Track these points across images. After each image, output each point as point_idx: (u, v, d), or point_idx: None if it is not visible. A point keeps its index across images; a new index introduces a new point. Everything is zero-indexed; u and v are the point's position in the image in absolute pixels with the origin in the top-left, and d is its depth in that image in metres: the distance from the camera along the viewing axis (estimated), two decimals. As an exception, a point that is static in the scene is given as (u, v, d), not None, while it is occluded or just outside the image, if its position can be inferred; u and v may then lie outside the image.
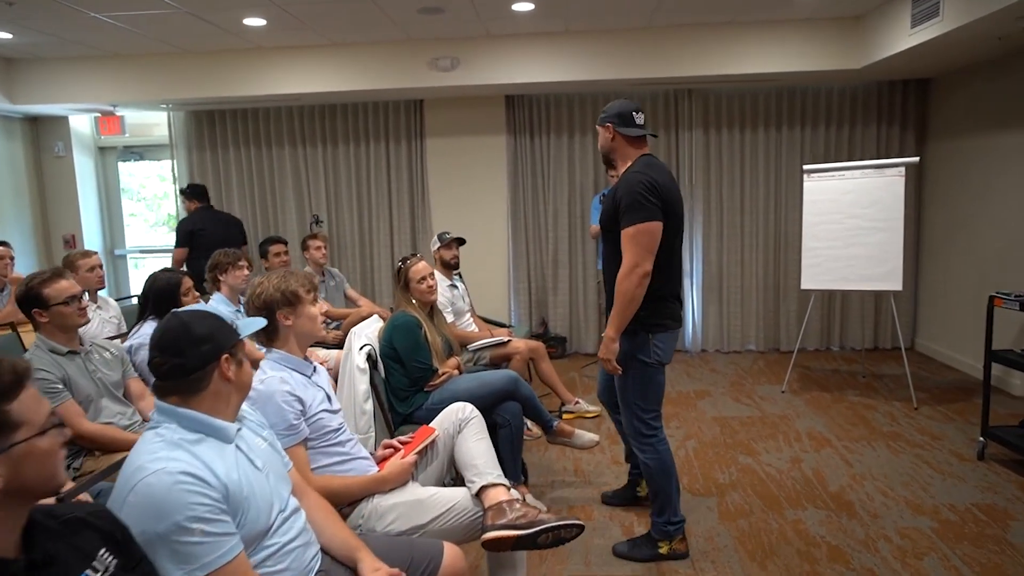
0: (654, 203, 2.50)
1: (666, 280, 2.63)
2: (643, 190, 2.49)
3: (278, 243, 4.46)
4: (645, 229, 2.49)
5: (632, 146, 2.67)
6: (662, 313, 2.63)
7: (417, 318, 3.23)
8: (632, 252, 2.50)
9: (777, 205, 6.10)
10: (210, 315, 1.51)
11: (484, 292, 6.27)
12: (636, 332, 2.60)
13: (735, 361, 5.98)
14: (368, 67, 5.50)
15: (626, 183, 2.55)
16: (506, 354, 4.22)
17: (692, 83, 5.73)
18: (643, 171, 2.55)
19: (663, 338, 2.65)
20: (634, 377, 2.67)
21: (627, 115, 2.65)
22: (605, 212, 2.69)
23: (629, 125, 2.65)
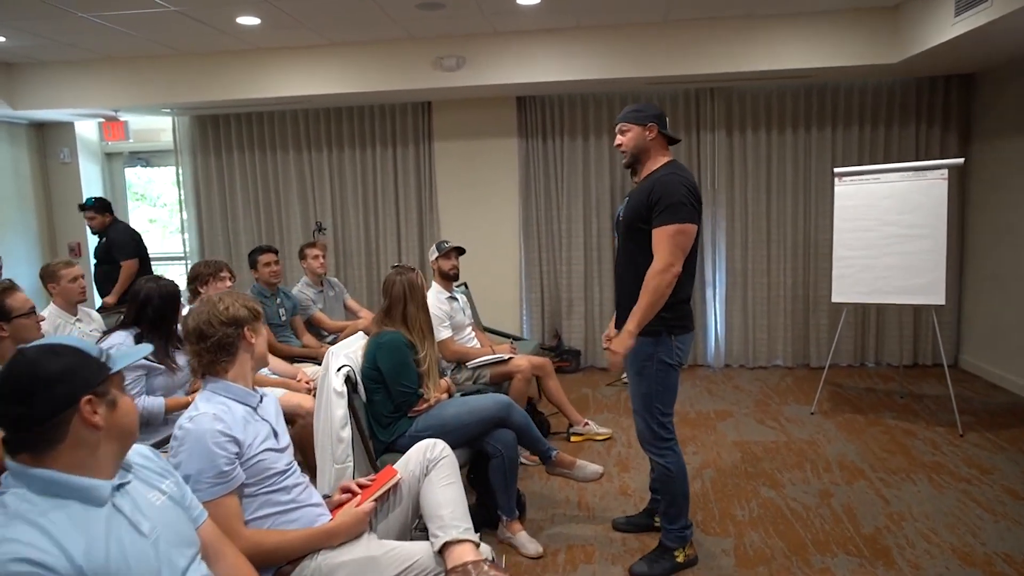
0: (694, 206, 2.53)
1: (687, 283, 2.66)
2: (687, 192, 2.51)
3: (268, 252, 4.23)
4: (684, 230, 2.50)
5: (665, 149, 2.69)
6: (683, 315, 2.67)
7: (406, 336, 2.95)
8: (668, 251, 2.50)
9: (806, 211, 5.70)
10: (68, 349, 1.23)
11: (495, 302, 5.98)
12: (660, 333, 2.61)
13: (761, 378, 5.58)
14: (370, 68, 5.26)
15: (665, 183, 2.54)
16: (507, 372, 3.93)
17: (714, 81, 5.38)
18: (680, 173, 2.57)
19: (683, 339, 2.68)
20: (658, 379, 2.66)
21: (664, 118, 2.69)
22: (632, 209, 2.63)
23: (665, 127, 2.68)
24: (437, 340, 3.91)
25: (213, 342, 1.80)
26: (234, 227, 6.30)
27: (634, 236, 2.64)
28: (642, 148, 2.66)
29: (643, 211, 2.57)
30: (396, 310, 2.98)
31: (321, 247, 4.81)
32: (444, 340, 3.94)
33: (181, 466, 1.64)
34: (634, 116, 2.67)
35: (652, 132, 2.63)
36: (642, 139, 2.64)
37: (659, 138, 2.64)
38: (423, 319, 2.99)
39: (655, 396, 2.67)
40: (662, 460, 2.72)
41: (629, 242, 2.69)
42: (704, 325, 5.93)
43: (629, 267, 2.68)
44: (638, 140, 2.65)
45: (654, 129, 2.63)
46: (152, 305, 2.87)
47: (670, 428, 2.73)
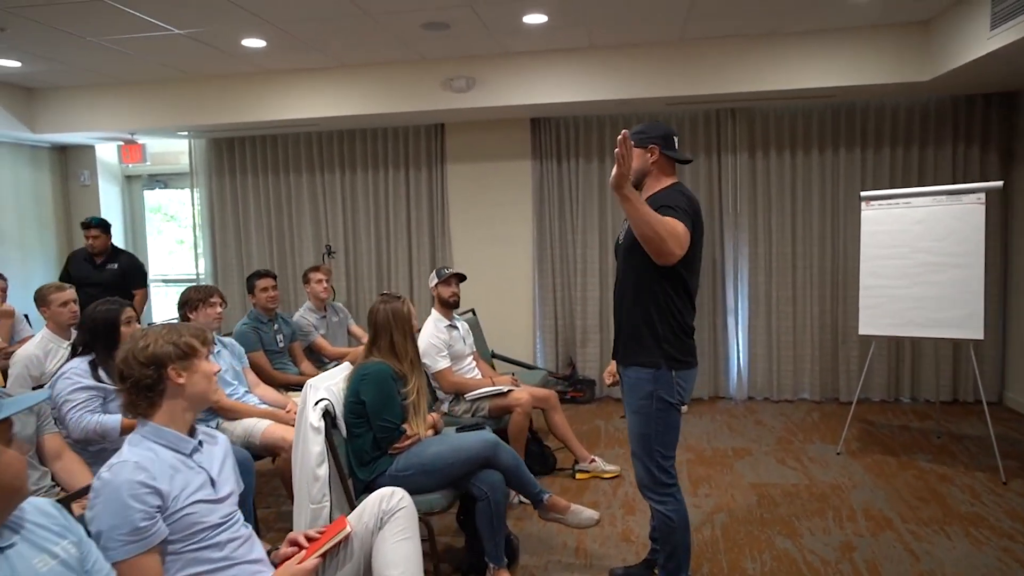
0: (692, 218, 2.39)
1: (689, 313, 2.49)
2: (685, 203, 2.38)
3: (265, 277, 4.13)
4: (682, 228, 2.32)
5: (669, 171, 2.54)
6: (686, 349, 2.48)
7: (392, 367, 2.79)
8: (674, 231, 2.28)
9: (834, 236, 5.40)
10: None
11: (508, 329, 5.81)
12: (659, 367, 2.43)
13: (785, 412, 5.27)
14: (380, 89, 5.18)
15: (663, 196, 2.42)
16: (507, 405, 3.73)
17: (736, 101, 5.16)
18: (682, 191, 2.47)
19: (686, 376, 2.49)
20: (658, 420, 2.46)
21: (670, 138, 2.53)
22: (631, 236, 2.44)
23: (671, 148, 2.52)
24: (434, 370, 3.76)
25: (132, 383, 1.66)
26: (247, 249, 6.26)
27: (634, 259, 2.45)
28: (644, 171, 2.51)
29: None
30: (382, 340, 2.83)
31: (325, 271, 4.71)
32: (442, 370, 3.78)
33: (93, 521, 1.49)
34: (636, 137, 2.51)
35: (654, 154, 2.48)
36: (644, 162, 2.50)
37: (662, 160, 2.49)
38: (411, 348, 2.83)
39: (654, 438, 2.47)
40: (663, 508, 2.52)
41: (629, 266, 2.51)
42: (726, 355, 5.65)
43: (627, 292, 2.51)
44: (639, 163, 2.49)
45: (655, 151, 2.48)
46: (98, 330, 2.81)
47: (672, 473, 2.52)
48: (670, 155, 2.50)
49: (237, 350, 3.68)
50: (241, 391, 3.55)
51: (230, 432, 3.35)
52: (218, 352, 3.55)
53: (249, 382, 3.67)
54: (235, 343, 3.71)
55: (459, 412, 3.82)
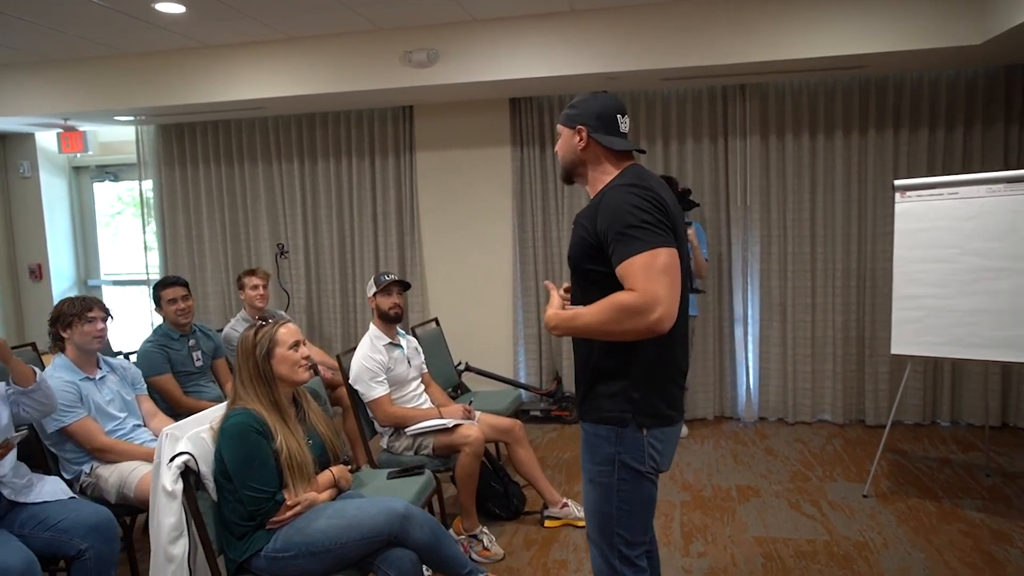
0: (662, 223, 1.70)
1: (670, 347, 1.79)
2: (646, 208, 1.69)
3: (173, 287, 3.44)
4: (660, 257, 1.64)
5: (612, 159, 1.87)
6: (663, 397, 1.80)
7: (259, 416, 2.12)
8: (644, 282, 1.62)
9: (861, 234, 4.63)
10: None
11: (486, 339, 5.14)
12: (625, 423, 1.78)
13: (802, 438, 4.53)
14: (332, 65, 4.51)
15: (614, 202, 1.73)
16: (453, 443, 3.05)
17: (745, 74, 4.41)
18: (639, 183, 1.75)
19: (662, 435, 1.81)
20: (621, 495, 1.81)
21: (609, 117, 1.86)
22: (576, 239, 1.83)
23: (612, 131, 1.86)
24: (369, 399, 3.10)
25: None
26: (199, 247, 5.65)
27: (582, 280, 1.83)
28: (574, 159, 1.89)
29: (589, 242, 1.76)
30: (243, 377, 2.18)
31: (262, 276, 4.07)
32: (377, 399, 3.11)
33: None
34: (565, 115, 1.90)
35: (582, 136, 1.85)
36: (571, 147, 1.88)
37: (595, 147, 1.85)
38: (268, 391, 2.17)
39: (617, 519, 1.82)
40: None
41: (579, 282, 1.86)
42: (733, 370, 4.91)
43: None
44: (568, 149, 1.90)
45: (583, 133, 1.85)
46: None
47: (639, 565, 1.85)
48: (602, 141, 1.83)
49: (130, 375, 3.05)
50: (129, 425, 2.92)
51: (104, 479, 2.72)
52: (102, 378, 2.92)
53: (144, 413, 3.04)
54: (129, 367, 3.07)
55: (399, 449, 3.16)
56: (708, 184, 4.78)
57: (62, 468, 2.75)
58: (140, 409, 3.02)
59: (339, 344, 5.37)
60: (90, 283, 6.18)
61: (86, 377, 2.84)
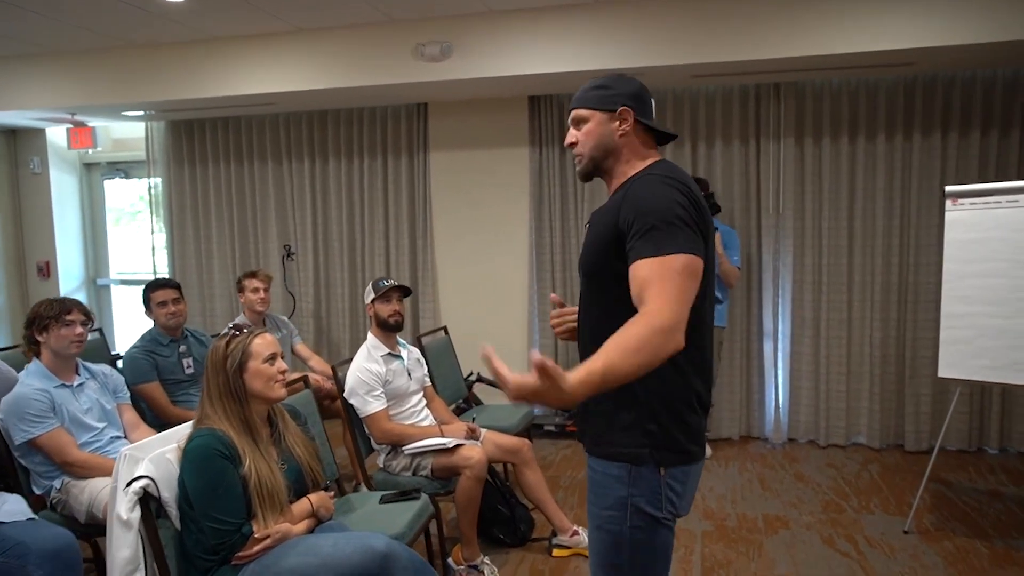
0: (696, 228, 1.46)
1: (693, 368, 1.53)
2: (684, 204, 1.45)
3: (164, 288, 3.25)
4: (691, 266, 1.41)
5: (648, 147, 1.62)
6: (684, 429, 1.53)
7: (226, 437, 1.90)
8: (673, 297, 1.37)
9: (903, 245, 4.30)
10: None
11: (499, 348, 4.80)
12: (641, 460, 1.50)
13: (835, 462, 4.20)
14: (344, 59, 4.31)
15: (645, 191, 1.49)
16: (453, 465, 2.81)
17: (781, 71, 4.11)
18: (671, 175, 1.51)
19: (683, 475, 1.55)
20: (632, 544, 1.53)
21: (646, 100, 1.62)
22: (593, 239, 1.58)
23: (648, 115, 1.62)
24: (364, 414, 2.87)
25: None
26: (207, 247, 5.49)
27: (596, 287, 1.58)
28: (614, 145, 1.58)
29: (609, 240, 1.51)
30: (211, 392, 1.97)
31: (264, 278, 3.88)
32: (373, 414, 2.88)
33: None
34: (596, 97, 1.59)
35: (627, 121, 1.56)
36: (608, 134, 1.58)
37: (637, 131, 1.58)
38: (246, 409, 1.95)
39: (628, 572, 1.56)
40: None
41: (590, 294, 1.61)
42: (761, 387, 4.60)
43: (588, 335, 1.61)
44: (602, 136, 1.58)
45: (629, 116, 1.56)
46: None
47: None
48: (645, 122, 1.59)
49: (112, 382, 2.86)
50: (106, 437, 2.73)
51: (74, 496, 2.53)
52: (80, 384, 2.74)
53: (125, 424, 2.85)
54: (111, 373, 2.88)
55: (396, 468, 2.92)
56: (738, 189, 4.49)
57: (32, 482, 2.56)
58: (121, 419, 2.83)
59: (348, 351, 5.16)
60: (99, 282, 6.07)
61: (62, 384, 2.65)
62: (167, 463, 1.94)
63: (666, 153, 4.54)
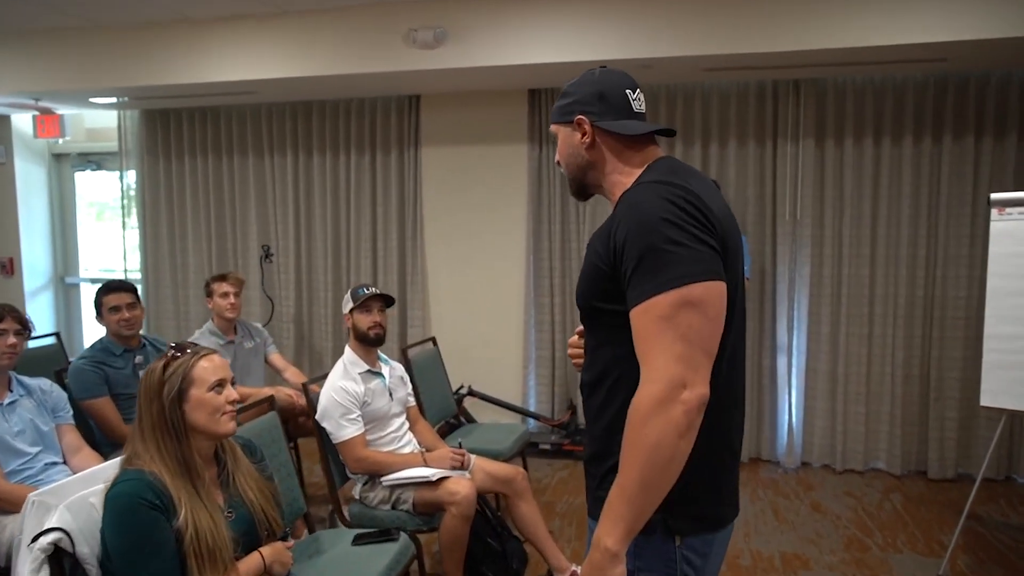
0: (704, 241, 1.17)
1: (720, 413, 1.24)
2: (675, 218, 1.17)
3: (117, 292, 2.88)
4: (690, 298, 1.14)
5: (633, 151, 1.35)
6: (709, 487, 1.27)
7: (157, 482, 1.56)
8: (665, 351, 1.13)
9: (930, 256, 3.99)
10: None
11: (493, 360, 4.58)
12: (648, 528, 1.19)
13: (853, 491, 3.88)
14: (328, 44, 3.97)
15: (630, 209, 1.23)
16: (437, 501, 2.47)
17: (800, 66, 3.80)
18: (670, 179, 1.24)
19: (704, 545, 1.27)
20: None
21: (617, 96, 1.36)
22: (586, 271, 1.33)
23: (623, 113, 1.35)
24: (338, 440, 2.53)
25: None
26: (182, 246, 5.14)
27: (596, 326, 1.34)
28: (581, 164, 1.37)
29: (602, 270, 1.26)
30: (143, 425, 1.63)
31: (234, 282, 3.53)
32: (347, 440, 2.54)
33: None
34: (557, 108, 1.41)
35: (585, 130, 1.34)
36: (575, 148, 1.37)
37: (609, 139, 1.34)
38: (185, 446, 1.61)
39: None
40: None
41: (593, 334, 1.36)
42: (773, 406, 4.29)
43: (592, 377, 1.34)
44: (570, 153, 1.39)
45: (585, 124, 1.34)
46: None
47: None
48: (609, 129, 1.33)
49: (52, 399, 2.51)
50: (40, 464, 2.38)
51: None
52: (12, 403, 2.39)
53: (65, 447, 2.50)
54: (51, 389, 2.54)
55: (374, 501, 2.59)
56: (752, 193, 4.17)
57: (-49, 517, 2.22)
58: (60, 442, 2.48)
59: (330, 360, 4.82)
60: (67, 280, 5.70)
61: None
62: (89, 510, 1.61)
63: (674, 153, 4.22)
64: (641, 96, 1.39)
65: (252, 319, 4.87)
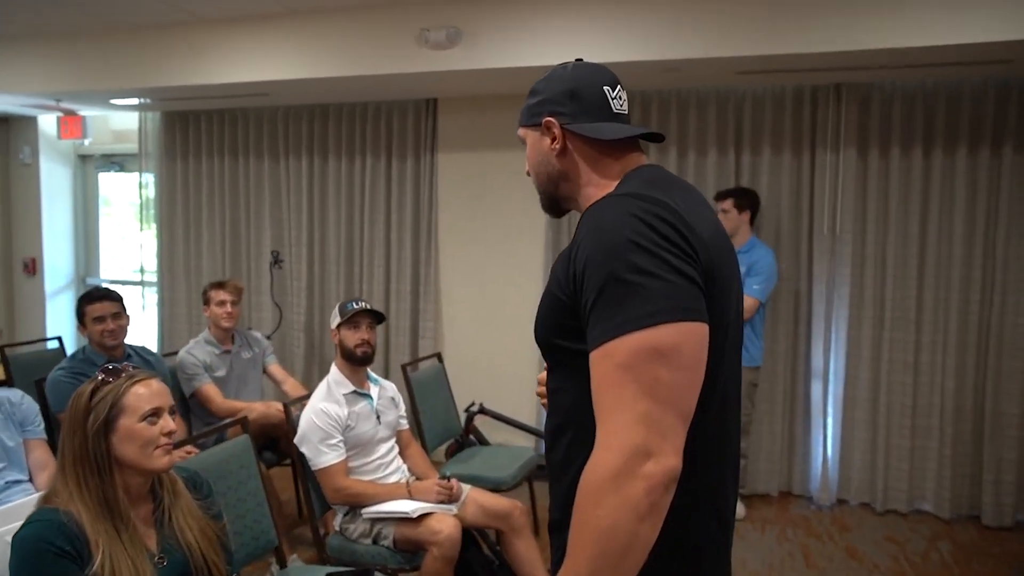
0: (680, 271, 0.94)
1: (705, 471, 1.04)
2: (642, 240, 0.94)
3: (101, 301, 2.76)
4: (660, 343, 0.90)
5: (610, 160, 1.15)
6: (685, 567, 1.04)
7: (71, 524, 1.38)
8: (625, 410, 0.90)
9: (987, 278, 3.62)
10: None
11: (506, 375, 4.37)
12: None
13: (895, 535, 3.53)
14: (340, 45, 3.82)
15: (592, 229, 1.01)
16: (418, 540, 2.26)
17: (842, 68, 3.49)
18: (643, 192, 1.02)
19: None
20: None
21: (592, 94, 1.15)
22: (545, 305, 1.13)
23: (599, 114, 1.15)
24: (316, 467, 2.34)
25: None
26: (196, 249, 5.07)
27: (555, 365, 1.16)
28: (552, 173, 1.19)
29: (560, 304, 1.07)
30: (65, 459, 1.47)
31: (233, 290, 3.39)
32: (326, 468, 2.35)
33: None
34: (525, 109, 1.23)
35: (555, 134, 1.15)
36: (544, 155, 1.18)
37: (583, 144, 1.15)
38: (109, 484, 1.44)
39: None
40: None
41: (551, 377, 1.19)
42: (806, 437, 3.96)
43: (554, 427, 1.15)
44: (540, 161, 1.20)
45: (554, 127, 1.15)
46: None
47: None
48: (581, 133, 1.14)
49: (21, 412, 2.39)
50: (1, 482, 2.25)
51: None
52: (-23, 416, 2.27)
53: (32, 464, 2.37)
54: (20, 401, 2.41)
55: (354, 534, 2.39)
56: (787, 205, 3.87)
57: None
58: (27, 458, 2.35)
59: (340, 369, 4.67)
60: (89, 281, 5.70)
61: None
62: (5, 548, 1.44)
63: (706, 161, 3.95)
64: (623, 95, 1.18)
65: (263, 326, 4.76)
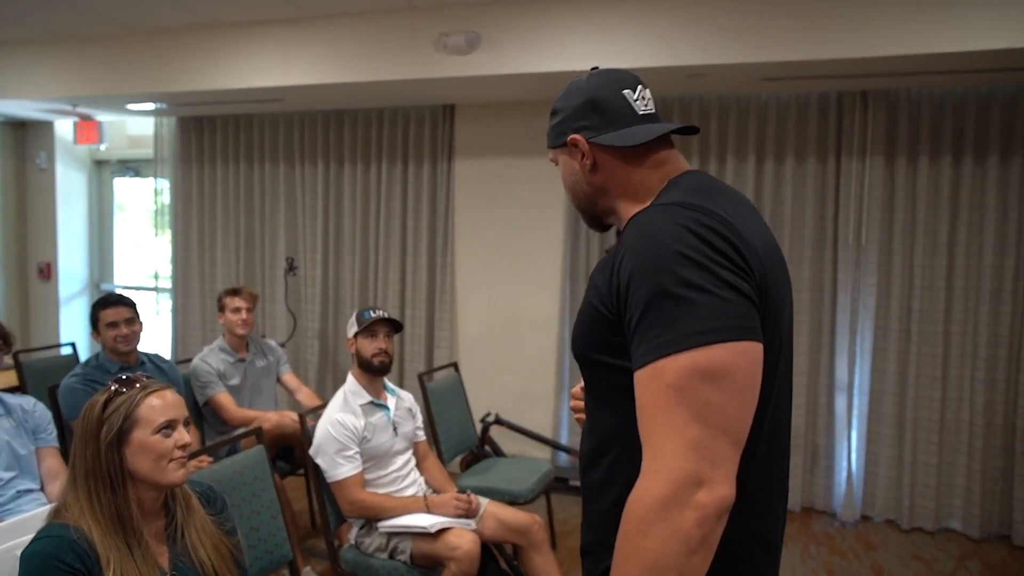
0: (733, 286, 0.87)
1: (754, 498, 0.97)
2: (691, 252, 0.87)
3: (115, 306, 2.75)
4: (711, 364, 0.84)
5: (644, 168, 1.08)
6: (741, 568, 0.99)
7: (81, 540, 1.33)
8: (675, 436, 0.84)
9: (1018, 290, 3.53)
10: None
11: (525, 387, 4.30)
12: None
13: (922, 553, 3.43)
14: (356, 50, 3.79)
15: (636, 239, 0.95)
16: (436, 555, 2.19)
17: (869, 75, 3.42)
18: (691, 201, 0.96)
19: None
20: None
21: (611, 100, 1.09)
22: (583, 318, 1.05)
23: (622, 120, 1.09)
24: (331, 479, 2.29)
25: None
26: (211, 255, 5.04)
27: (595, 382, 1.08)
28: (588, 192, 1.13)
29: (602, 314, 1.00)
30: (76, 471, 1.41)
31: (248, 297, 3.35)
32: (341, 481, 2.30)
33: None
34: (550, 131, 1.17)
35: (582, 152, 1.10)
36: (576, 175, 1.13)
37: (612, 155, 1.08)
38: (122, 497, 1.38)
39: None
40: None
41: (590, 395, 1.10)
42: (830, 451, 3.87)
43: (591, 445, 1.09)
44: (574, 182, 1.15)
45: (581, 144, 1.09)
46: None
47: None
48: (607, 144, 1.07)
49: (34, 420, 2.35)
50: (12, 491, 2.20)
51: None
52: (-11, 423, 2.23)
53: (43, 472, 2.33)
54: (34, 408, 2.37)
55: (370, 547, 2.33)
56: (811, 214, 3.79)
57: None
58: (39, 467, 2.31)
59: (353, 377, 4.62)
60: (103, 287, 5.69)
61: None
62: (14, 563, 1.39)
63: (726, 168, 3.88)
64: (647, 93, 1.12)
65: (277, 333, 4.72)
